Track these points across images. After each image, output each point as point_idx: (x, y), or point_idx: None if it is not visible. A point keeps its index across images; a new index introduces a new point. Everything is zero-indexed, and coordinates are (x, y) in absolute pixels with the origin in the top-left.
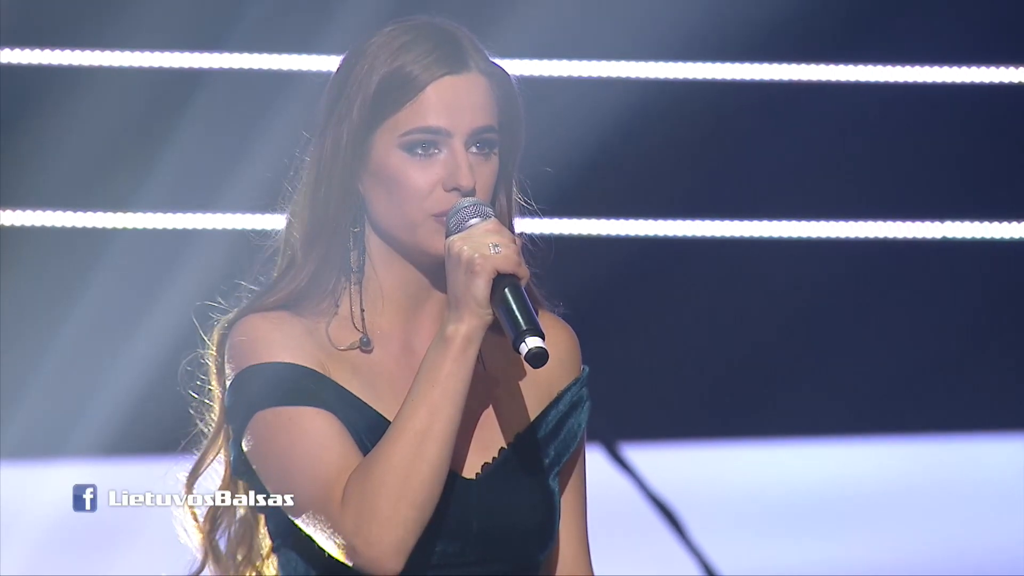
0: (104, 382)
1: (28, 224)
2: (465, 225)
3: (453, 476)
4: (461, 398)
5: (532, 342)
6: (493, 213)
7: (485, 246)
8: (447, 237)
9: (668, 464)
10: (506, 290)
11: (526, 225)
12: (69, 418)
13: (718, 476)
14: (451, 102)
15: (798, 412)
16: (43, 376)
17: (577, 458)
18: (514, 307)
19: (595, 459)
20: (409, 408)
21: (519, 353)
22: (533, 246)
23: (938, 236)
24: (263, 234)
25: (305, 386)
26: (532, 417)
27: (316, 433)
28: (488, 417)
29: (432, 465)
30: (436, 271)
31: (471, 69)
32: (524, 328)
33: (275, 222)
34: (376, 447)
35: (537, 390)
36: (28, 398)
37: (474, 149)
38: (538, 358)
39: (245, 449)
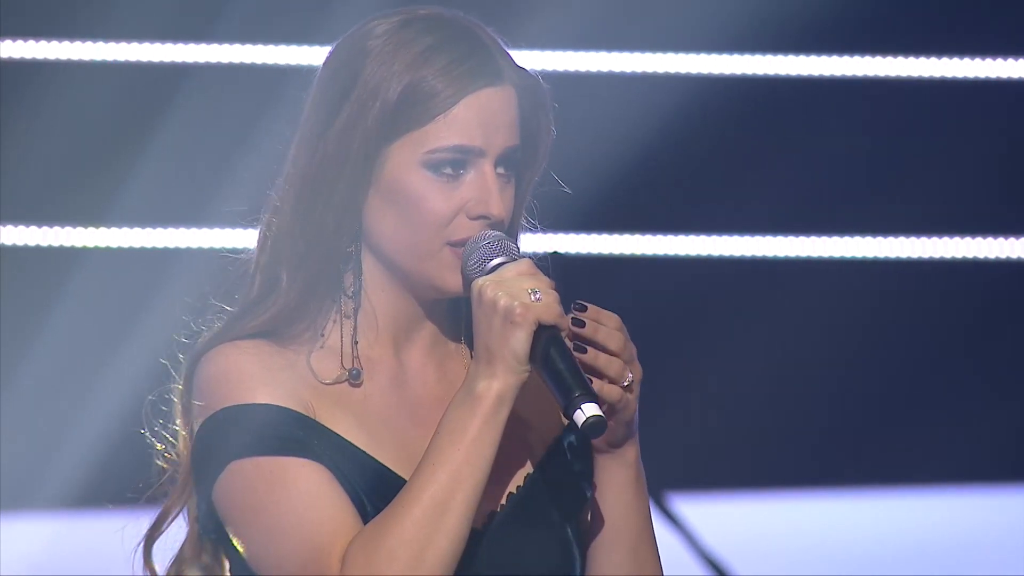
0: (73, 427)
1: None
2: (489, 264)
3: None
4: (488, 464)
5: (589, 409)
6: (519, 250)
7: (523, 292)
8: (472, 277)
9: (720, 516)
10: (552, 348)
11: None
12: (36, 467)
13: (773, 529)
14: (486, 119)
15: (861, 460)
16: (3, 419)
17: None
18: (562, 367)
19: None
20: (427, 471)
21: (573, 421)
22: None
23: None
24: (236, 251)
25: (290, 433)
26: (542, 454)
27: (304, 488)
28: (496, 457)
29: (451, 539)
30: (433, 302)
31: (504, 80)
32: (577, 394)
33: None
34: (387, 512)
35: (545, 419)
36: None
37: (500, 171)
38: (596, 428)
39: (217, 505)
